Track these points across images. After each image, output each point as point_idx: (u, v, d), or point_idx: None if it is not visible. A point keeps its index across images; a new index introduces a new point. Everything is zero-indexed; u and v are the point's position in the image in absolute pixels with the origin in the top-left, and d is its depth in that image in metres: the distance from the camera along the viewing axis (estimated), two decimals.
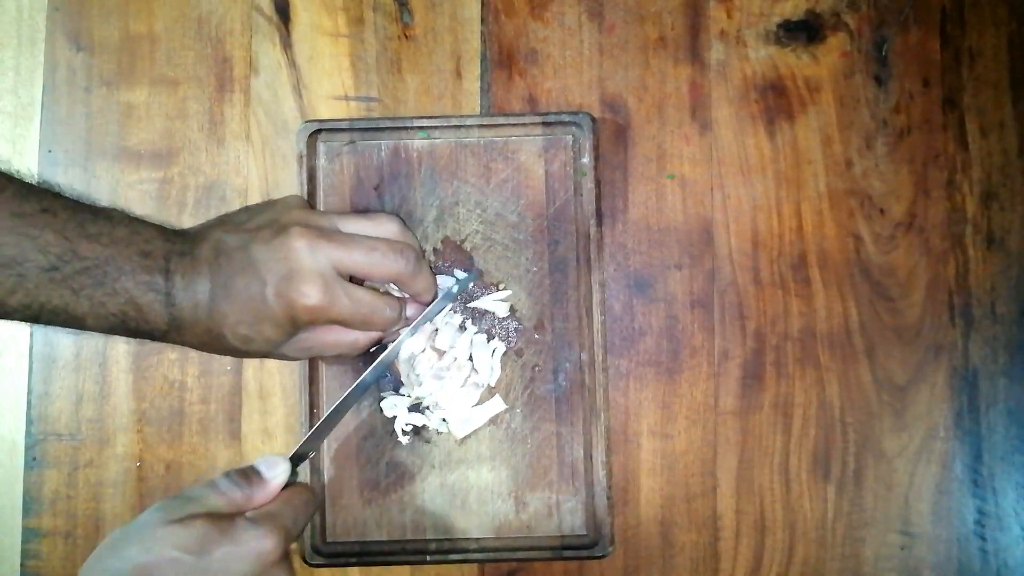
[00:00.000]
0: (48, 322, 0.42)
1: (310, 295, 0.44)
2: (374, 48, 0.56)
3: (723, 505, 0.54)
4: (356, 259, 0.45)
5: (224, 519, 0.39)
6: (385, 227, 0.48)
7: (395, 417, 0.53)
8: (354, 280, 0.48)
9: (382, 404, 0.53)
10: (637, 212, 0.55)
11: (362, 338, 0.48)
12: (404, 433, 0.53)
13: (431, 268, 0.52)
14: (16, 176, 0.41)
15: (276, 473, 0.42)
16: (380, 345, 0.52)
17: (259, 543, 0.39)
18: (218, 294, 0.43)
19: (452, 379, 0.52)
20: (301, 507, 0.43)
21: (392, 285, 0.50)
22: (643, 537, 0.54)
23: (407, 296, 0.50)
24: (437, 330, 0.52)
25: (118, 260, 0.42)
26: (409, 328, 0.50)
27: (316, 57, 0.56)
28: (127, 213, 0.44)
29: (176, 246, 0.44)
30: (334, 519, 0.53)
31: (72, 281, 0.41)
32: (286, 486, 0.43)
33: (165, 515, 0.38)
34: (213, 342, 0.45)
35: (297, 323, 0.45)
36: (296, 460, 0.45)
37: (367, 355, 0.52)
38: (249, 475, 0.42)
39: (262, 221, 0.46)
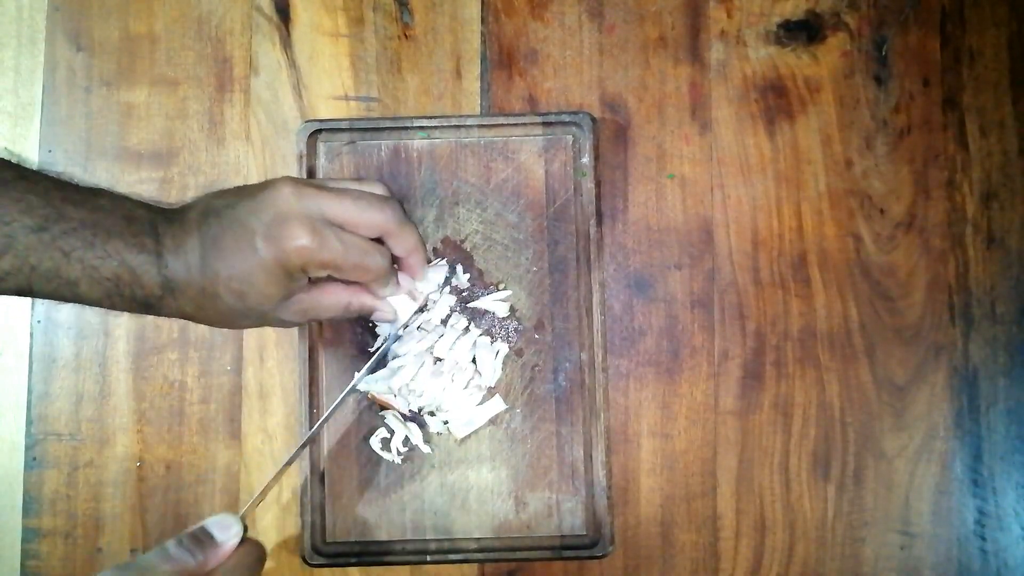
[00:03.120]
0: (41, 290, 0.41)
1: (299, 236, 0.43)
2: (374, 48, 0.56)
3: (723, 505, 0.54)
4: (345, 206, 0.45)
5: None
6: (371, 188, 0.48)
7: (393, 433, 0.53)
8: None
9: (384, 413, 0.53)
10: (637, 212, 0.55)
11: (354, 302, 0.48)
12: (399, 453, 0.53)
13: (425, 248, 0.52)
14: None
15: (229, 536, 0.42)
16: (375, 351, 0.52)
17: None
18: (208, 251, 0.43)
19: (455, 382, 0.52)
20: (254, 566, 0.42)
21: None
22: (643, 537, 0.54)
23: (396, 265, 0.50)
24: (442, 336, 0.52)
25: (105, 223, 0.42)
26: (398, 325, 0.51)
27: (316, 57, 0.56)
28: (108, 189, 0.44)
29: (161, 214, 0.44)
30: (334, 519, 0.53)
31: (61, 242, 0.41)
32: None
33: None
34: (208, 304, 0.44)
35: (290, 268, 0.44)
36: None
37: (363, 354, 0.53)
38: (201, 539, 0.41)
39: (249, 187, 0.46)
